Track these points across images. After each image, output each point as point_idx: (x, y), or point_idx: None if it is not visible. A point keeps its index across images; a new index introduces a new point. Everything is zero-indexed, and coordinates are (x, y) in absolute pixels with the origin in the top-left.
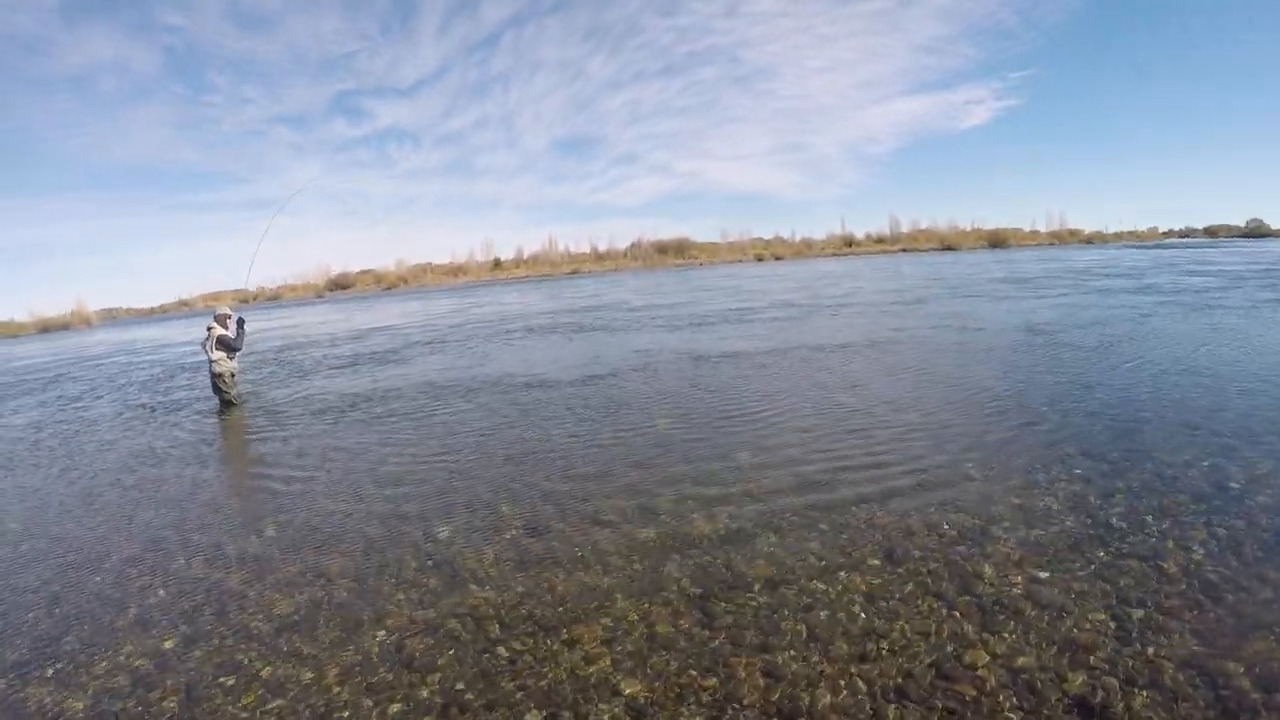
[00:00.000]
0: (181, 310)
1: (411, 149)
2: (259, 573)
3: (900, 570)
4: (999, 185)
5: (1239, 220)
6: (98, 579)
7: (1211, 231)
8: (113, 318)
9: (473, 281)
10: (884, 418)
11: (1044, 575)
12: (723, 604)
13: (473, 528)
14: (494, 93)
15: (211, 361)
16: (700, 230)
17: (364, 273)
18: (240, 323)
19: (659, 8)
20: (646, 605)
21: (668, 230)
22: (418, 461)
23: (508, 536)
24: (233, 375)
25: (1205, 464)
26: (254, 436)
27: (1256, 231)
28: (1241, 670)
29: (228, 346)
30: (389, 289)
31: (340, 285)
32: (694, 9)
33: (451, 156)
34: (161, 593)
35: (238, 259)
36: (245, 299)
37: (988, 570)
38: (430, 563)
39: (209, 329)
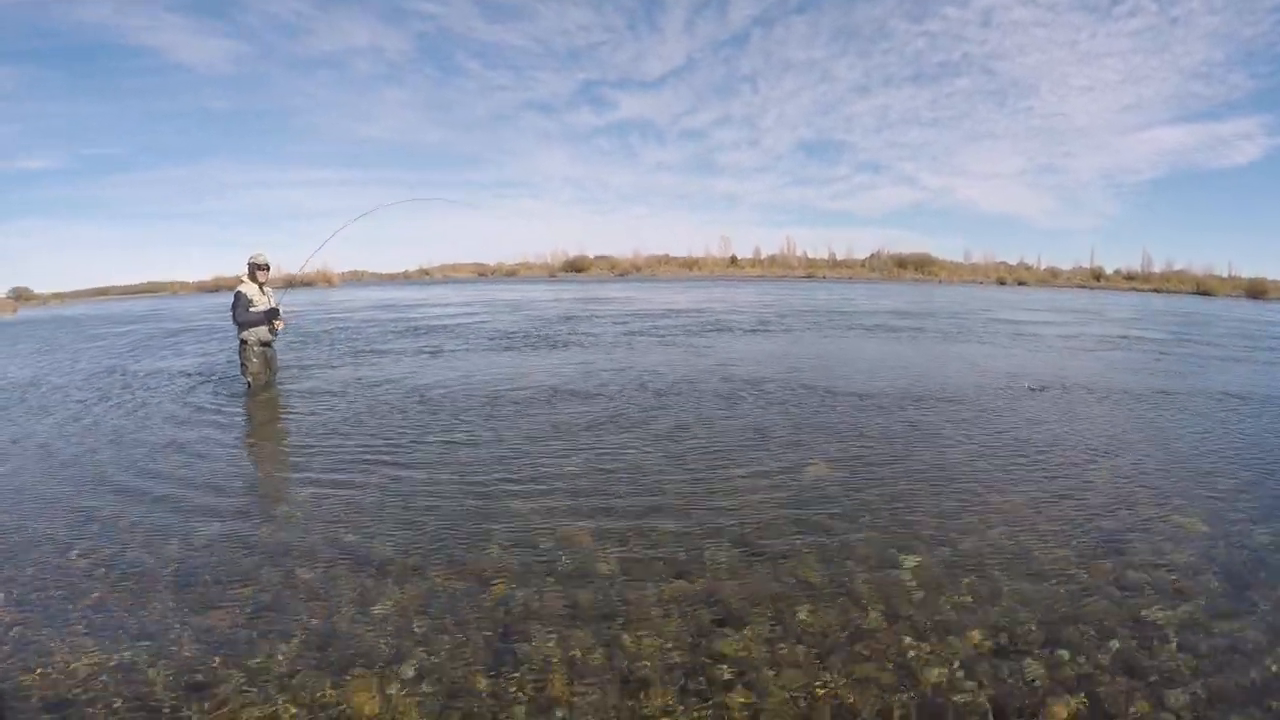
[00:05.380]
0: (422, 278)
1: (655, 143)
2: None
3: None
4: (1261, 232)
5: None
6: None
7: None
8: (357, 279)
9: (706, 276)
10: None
11: None
12: None
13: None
14: (740, 91)
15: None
16: (942, 248)
17: (600, 258)
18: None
19: (908, 12)
20: None
21: (908, 244)
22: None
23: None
24: (262, 345)
25: None
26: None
27: None
28: None
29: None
30: (622, 275)
31: (575, 268)
32: (946, 14)
33: (693, 152)
34: None
35: (481, 236)
36: (484, 271)
37: None
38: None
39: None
